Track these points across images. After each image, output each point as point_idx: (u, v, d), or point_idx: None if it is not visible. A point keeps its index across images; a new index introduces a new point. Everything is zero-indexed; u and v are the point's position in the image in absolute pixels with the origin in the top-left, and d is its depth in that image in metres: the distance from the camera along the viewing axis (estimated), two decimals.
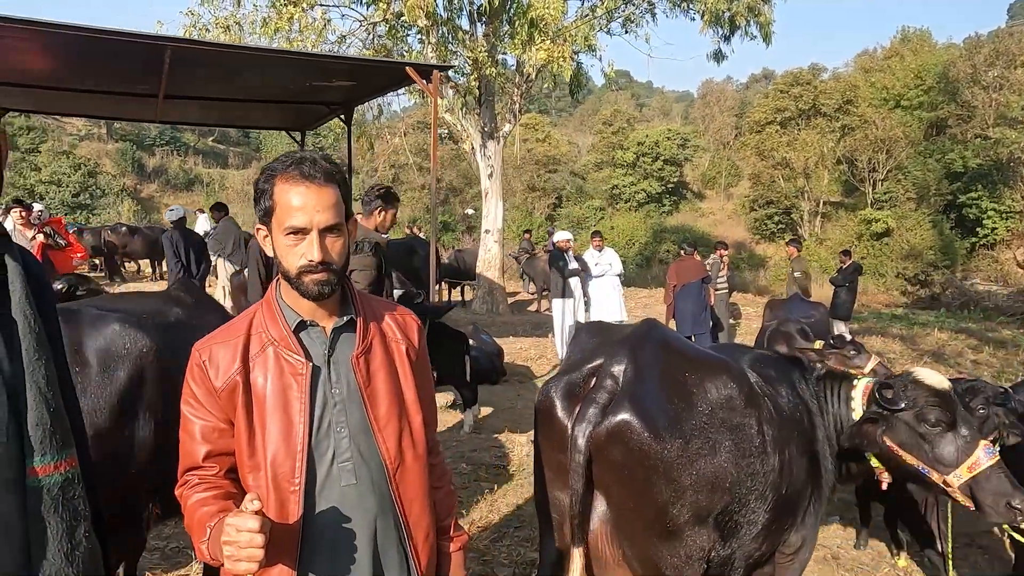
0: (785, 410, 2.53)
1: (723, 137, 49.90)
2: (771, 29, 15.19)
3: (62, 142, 37.88)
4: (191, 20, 13.37)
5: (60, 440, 1.33)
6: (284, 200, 1.50)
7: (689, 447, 2.24)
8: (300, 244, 1.50)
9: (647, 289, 18.81)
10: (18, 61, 7.35)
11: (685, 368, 2.38)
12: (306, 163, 1.51)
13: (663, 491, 2.24)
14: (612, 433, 2.26)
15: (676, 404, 2.29)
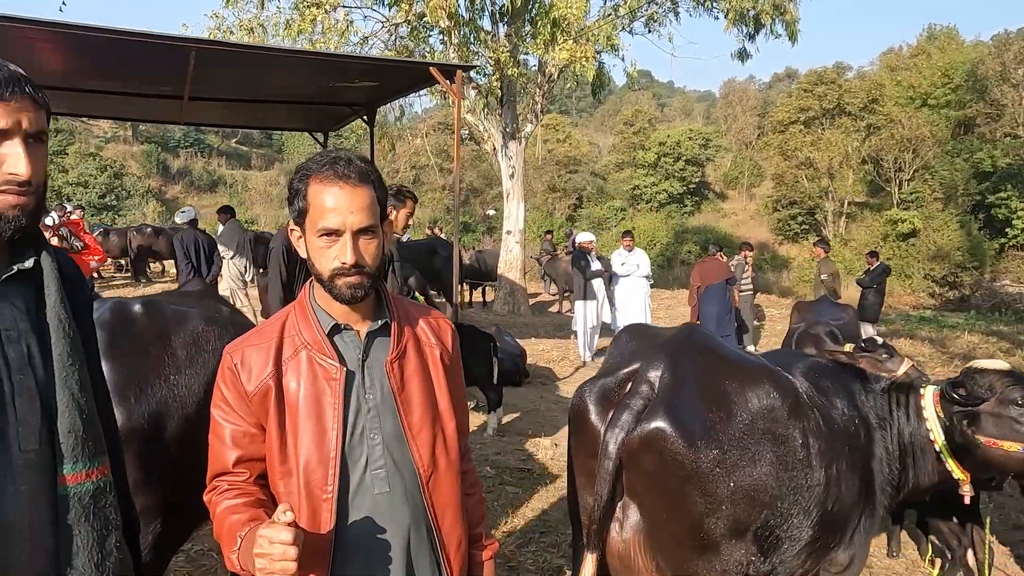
0: (837, 423, 2.42)
1: (745, 137, 49.48)
2: (797, 27, 15.00)
3: (89, 144, 38.41)
4: (215, 22, 13.50)
5: (92, 447, 1.32)
6: (318, 201, 1.45)
7: (727, 457, 2.17)
8: (333, 246, 1.45)
9: (669, 290, 18.68)
10: (46, 63, 7.43)
11: (725, 375, 2.31)
12: (341, 163, 1.47)
13: (698, 502, 2.18)
14: (645, 440, 2.21)
15: (714, 412, 2.21)
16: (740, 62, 16.61)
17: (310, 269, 1.51)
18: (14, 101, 1.20)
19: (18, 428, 1.25)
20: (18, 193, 1.22)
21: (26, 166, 1.21)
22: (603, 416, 2.33)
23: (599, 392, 2.39)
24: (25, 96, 1.22)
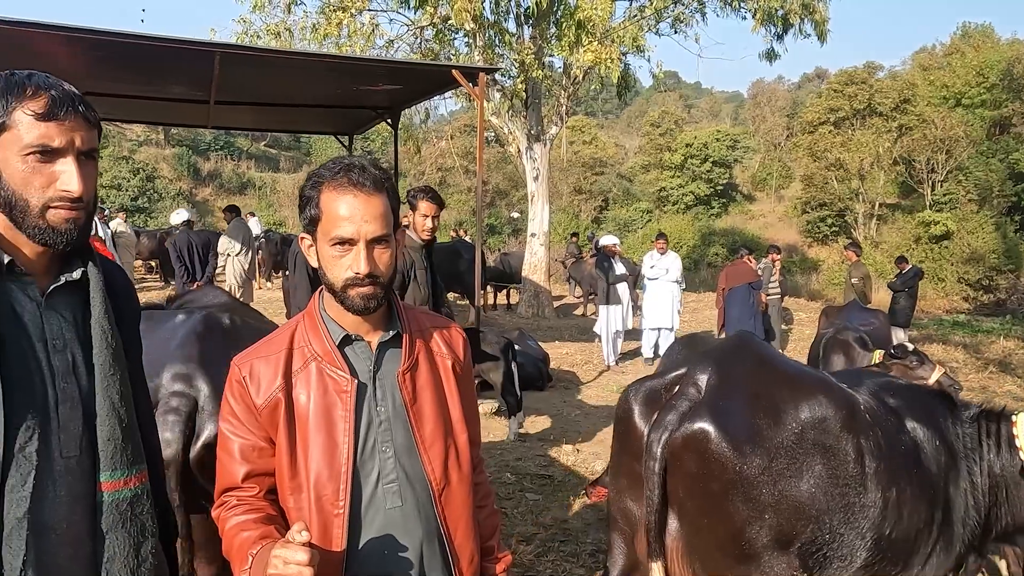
0: (904, 444, 2.28)
1: (774, 138, 48.90)
2: (826, 27, 14.77)
3: (122, 148, 39.08)
4: (243, 27, 13.62)
5: (131, 456, 1.37)
6: (331, 209, 1.41)
7: (772, 464, 2.11)
8: (346, 255, 1.41)
9: (696, 293, 18.49)
10: (79, 69, 7.54)
11: (776, 383, 2.26)
12: (355, 170, 1.43)
13: (740, 508, 2.12)
14: (688, 441, 2.18)
15: (761, 417, 2.16)
16: (768, 62, 16.36)
17: (321, 279, 1.47)
18: (68, 120, 1.26)
19: (60, 435, 1.30)
20: (70, 208, 1.28)
21: (78, 183, 1.27)
22: (648, 418, 2.32)
23: (646, 394, 2.38)
24: (78, 115, 1.28)
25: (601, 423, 7.03)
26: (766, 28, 14.99)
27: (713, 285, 23.03)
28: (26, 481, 1.24)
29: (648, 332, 10.06)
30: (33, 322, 1.31)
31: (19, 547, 1.24)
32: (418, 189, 4.30)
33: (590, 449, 6.20)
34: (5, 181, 1.26)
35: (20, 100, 1.24)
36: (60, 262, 1.37)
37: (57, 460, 1.29)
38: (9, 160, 1.25)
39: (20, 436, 1.24)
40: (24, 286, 1.31)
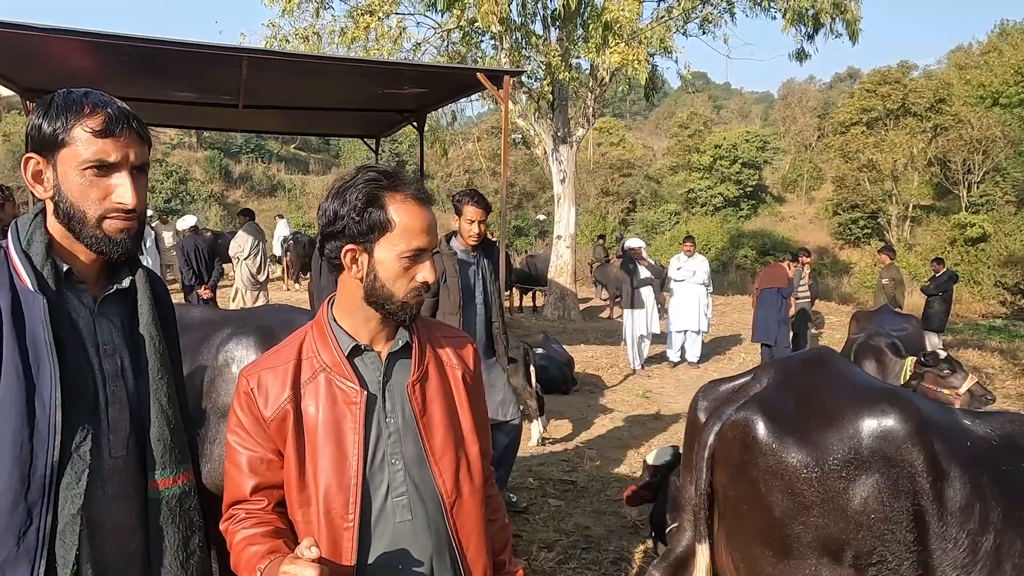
0: (998, 466, 2.14)
1: (805, 139, 48.26)
2: (858, 26, 14.52)
3: (156, 150, 39.63)
4: (272, 32, 13.76)
5: (179, 455, 1.46)
6: (407, 220, 1.40)
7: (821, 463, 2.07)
8: (417, 267, 1.43)
9: (724, 296, 18.29)
10: (114, 74, 7.68)
11: (838, 387, 2.24)
12: (413, 183, 1.45)
13: (779, 502, 2.11)
14: (733, 427, 2.25)
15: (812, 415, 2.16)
16: (799, 63, 16.11)
17: (377, 291, 1.43)
18: (123, 137, 1.34)
19: (109, 435, 1.38)
20: (125, 219, 1.36)
21: (132, 196, 1.35)
22: (709, 412, 2.43)
23: (714, 392, 2.49)
24: (133, 132, 1.36)
25: (626, 428, 6.96)
26: (796, 28, 14.76)
27: (742, 287, 22.86)
28: (80, 479, 1.31)
29: (675, 335, 9.96)
30: (87, 328, 1.38)
31: (72, 542, 1.30)
32: (463, 193, 4.19)
33: (614, 454, 6.14)
34: (64, 194, 1.33)
35: (79, 117, 1.31)
36: (109, 270, 1.45)
37: (106, 460, 1.37)
38: (68, 174, 1.33)
39: (76, 436, 1.31)
40: (79, 293, 1.39)
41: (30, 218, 1.39)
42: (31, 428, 1.27)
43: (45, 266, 1.34)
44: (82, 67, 7.19)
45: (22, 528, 1.26)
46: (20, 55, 6.74)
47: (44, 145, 1.33)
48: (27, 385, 1.27)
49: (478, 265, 4.26)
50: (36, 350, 1.29)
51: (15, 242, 1.35)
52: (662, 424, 7.10)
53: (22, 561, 1.26)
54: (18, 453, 1.26)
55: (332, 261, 1.47)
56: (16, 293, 1.30)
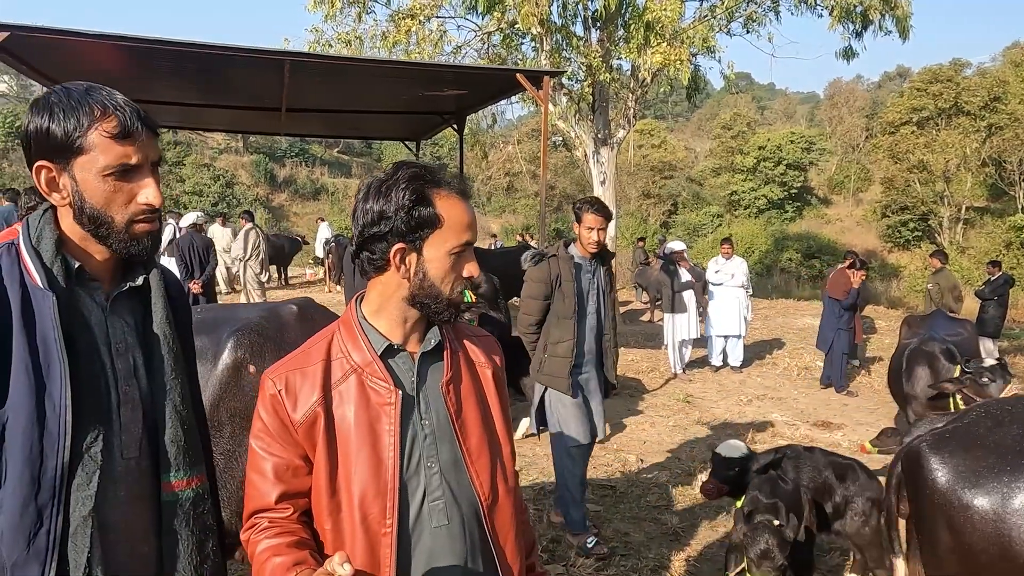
0: None
1: (852, 139, 47.24)
2: (909, 23, 14.10)
3: (204, 155, 40.68)
4: (315, 36, 13.92)
5: (192, 456, 1.43)
6: (455, 215, 1.38)
7: (986, 506, 2.03)
8: (464, 263, 1.41)
9: (767, 300, 17.92)
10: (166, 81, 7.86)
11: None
12: (456, 178, 1.43)
13: (946, 537, 2.15)
14: (908, 454, 2.36)
15: (995, 457, 2.11)
16: (846, 61, 15.74)
17: (426, 290, 1.39)
18: (141, 137, 1.31)
19: (121, 436, 1.35)
20: (150, 220, 1.35)
21: (157, 196, 1.34)
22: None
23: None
24: (146, 129, 1.33)
25: (666, 433, 6.85)
26: (843, 25, 14.40)
27: (786, 291, 22.42)
28: (91, 481, 1.29)
29: (715, 339, 9.78)
30: (99, 326, 1.36)
31: (84, 544, 1.27)
32: (583, 201, 4.12)
33: (655, 459, 6.04)
34: (88, 200, 1.30)
35: (91, 121, 1.27)
36: (123, 268, 1.42)
37: (118, 461, 1.34)
38: (89, 181, 1.29)
39: (87, 437, 1.29)
40: (91, 291, 1.36)
41: (39, 215, 1.36)
42: (41, 428, 1.24)
43: (55, 263, 1.31)
44: (129, 72, 7.36)
45: (32, 530, 1.24)
46: (68, 61, 6.93)
47: (56, 151, 1.28)
48: (37, 384, 1.25)
49: (594, 274, 4.20)
50: (46, 349, 1.26)
51: (26, 239, 1.32)
52: (703, 429, 6.96)
53: (33, 563, 1.24)
54: (28, 454, 1.24)
55: (375, 263, 1.40)
56: (27, 291, 1.27)
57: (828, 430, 7.15)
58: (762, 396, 8.44)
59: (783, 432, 7.01)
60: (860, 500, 3.69)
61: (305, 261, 21.68)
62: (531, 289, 4.21)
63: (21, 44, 5.98)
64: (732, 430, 6.99)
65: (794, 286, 24.31)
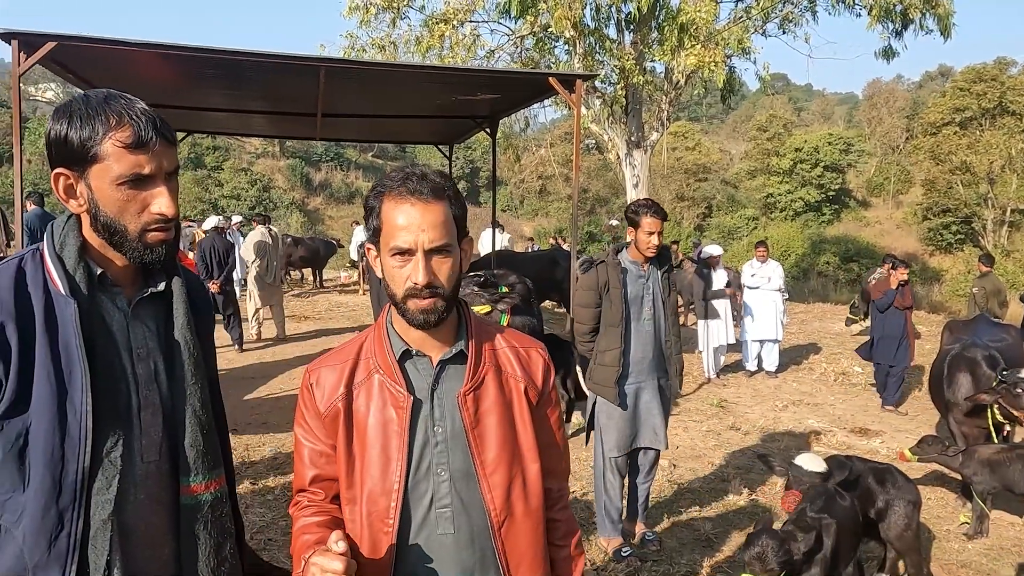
0: None
1: (892, 141, 46.35)
2: (951, 21, 13.79)
3: (242, 160, 41.40)
4: (349, 42, 14.09)
5: (211, 460, 1.44)
6: (390, 219, 1.37)
7: None
8: (406, 266, 1.37)
9: (804, 304, 17.64)
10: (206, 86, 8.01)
11: None
12: (413, 179, 1.38)
13: None
14: None
15: None
16: (885, 61, 15.41)
17: (385, 291, 1.44)
18: (155, 147, 1.30)
19: (142, 440, 1.37)
20: (164, 229, 1.35)
21: (170, 206, 1.34)
22: None
23: None
24: (162, 139, 1.32)
25: (699, 438, 6.78)
26: (883, 24, 14.15)
27: (824, 295, 22.02)
28: (111, 485, 1.30)
29: (750, 344, 9.66)
30: (120, 331, 1.37)
31: (103, 547, 1.29)
32: (639, 204, 4.00)
33: (687, 465, 5.98)
34: (102, 208, 1.31)
35: (106, 130, 1.27)
36: (145, 273, 1.43)
37: (138, 464, 1.36)
38: (103, 189, 1.30)
39: (107, 441, 1.31)
40: (113, 296, 1.38)
41: (63, 221, 1.38)
42: (63, 433, 1.27)
43: (77, 270, 1.33)
44: (171, 79, 7.51)
45: (53, 533, 1.27)
46: (112, 69, 7.10)
47: (73, 159, 1.30)
48: (59, 390, 1.27)
49: (649, 279, 4.09)
50: (68, 355, 1.28)
51: (49, 246, 1.35)
52: (738, 435, 6.88)
53: (53, 566, 1.27)
54: (49, 458, 1.26)
55: None
56: (50, 297, 1.30)
57: (866, 437, 7.02)
58: (798, 402, 8.31)
59: (820, 439, 6.90)
60: (901, 504, 3.66)
61: (340, 264, 21.90)
62: (581, 297, 4.17)
63: (66, 53, 6.13)
64: (767, 436, 6.90)
65: (831, 290, 23.87)
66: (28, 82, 38.55)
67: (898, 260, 8.75)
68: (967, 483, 4.83)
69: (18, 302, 1.28)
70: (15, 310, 1.27)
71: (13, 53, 5.48)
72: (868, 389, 8.94)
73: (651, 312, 4.09)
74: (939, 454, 4.82)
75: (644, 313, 4.08)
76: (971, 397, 5.08)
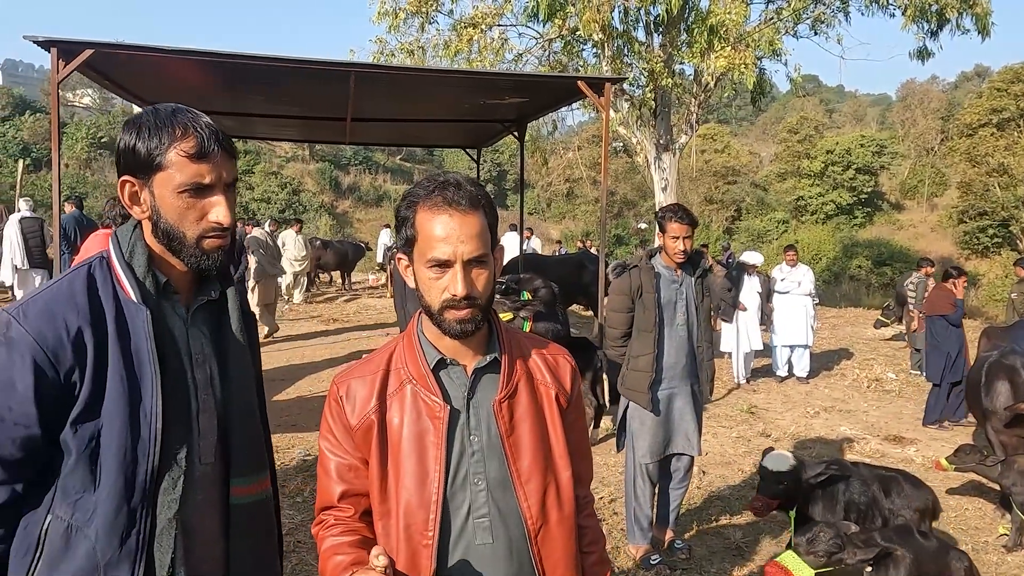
0: None
1: (926, 142, 45.52)
2: (989, 20, 13.51)
3: (272, 163, 41.88)
4: (379, 47, 14.21)
5: (256, 463, 1.50)
6: (426, 229, 1.36)
7: None
8: (443, 277, 1.36)
9: (835, 308, 17.38)
10: (232, 93, 8.12)
11: None
12: (450, 187, 1.37)
13: None
14: None
15: None
16: (920, 61, 15.13)
17: (419, 301, 1.43)
18: (216, 158, 1.36)
19: (200, 443, 1.42)
20: (220, 237, 1.40)
21: (228, 215, 1.38)
22: None
23: None
24: (223, 151, 1.38)
25: (729, 444, 6.71)
26: (918, 25, 13.90)
27: (856, 300, 21.69)
28: (176, 485, 1.37)
29: (781, 349, 9.53)
30: (181, 337, 1.43)
31: (168, 545, 1.35)
32: (666, 209, 3.99)
33: (717, 471, 5.92)
34: (163, 215, 1.36)
35: (172, 140, 1.33)
36: (200, 280, 1.48)
37: (197, 466, 1.42)
38: (165, 196, 1.36)
39: (173, 444, 1.37)
40: (174, 304, 1.44)
41: (130, 229, 1.43)
42: (135, 436, 1.32)
43: (147, 278, 1.38)
44: (202, 84, 7.63)
45: (125, 532, 1.32)
46: (147, 75, 7.23)
47: (139, 167, 1.35)
48: (131, 394, 1.32)
49: (682, 284, 4.07)
50: (140, 360, 1.33)
51: (118, 254, 1.39)
52: (768, 441, 6.79)
53: (124, 563, 1.32)
54: (122, 460, 1.31)
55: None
56: (120, 304, 1.35)
57: (900, 445, 6.89)
58: (830, 408, 8.18)
59: (852, 446, 6.78)
60: (907, 513, 3.64)
61: (368, 267, 22.06)
62: (613, 302, 4.15)
63: (103, 60, 6.26)
64: (798, 443, 6.80)
65: (864, 294, 23.50)
66: (66, 88, 39.47)
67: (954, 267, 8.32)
68: (1006, 494, 4.72)
69: (92, 308, 1.33)
70: (91, 315, 1.32)
71: (52, 60, 5.60)
72: (902, 396, 8.78)
73: (684, 317, 4.06)
74: (977, 464, 4.71)
75: (677, 318, 4.05)
76: (1011, 407, 4.96)
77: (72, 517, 1.32)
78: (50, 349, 1.28)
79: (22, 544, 1.34)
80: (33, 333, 1.28)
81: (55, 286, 1.36)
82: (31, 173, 31.19)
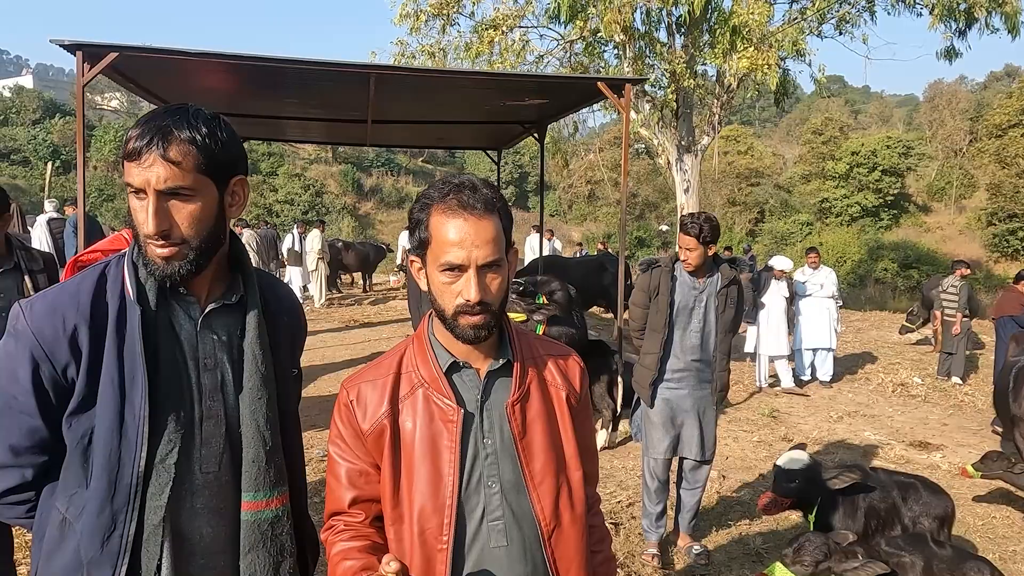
0: None
1: (954, 143, 44.85)
2: (1019, 19, 13.25)
3: (295, 165, 42.28)
4: (400, 49, 14.27)
5: (274, 478, 1.43)
6: (440, 233, 1.33)
7: None
8: (457, 282, 1.34)
9: (860, 311, 17.15)
10: (255, 95, 8.19)
11: None
12: (465, 190, 1.34)
13: None
14: None
15: None
16: (948, 61, 14.90)
17: (431, 304, 1.41)
18: (145, 160, 1.27)
19: (201, 450, 1.37)
20: (155, 243, 1.30)
21: (148, 220, 1.28)
22: None
23: None
24: (156, 155, 1.27)
25: (750, 449, 6.63)
26: (945, 24, 13.69)
27: (881, 303, 21.39)
28: (163, 491, 1.32)
29: (803, 353, 9.41)
30: (188, 340, 1.38)
31: (154, 552, 1.32)
32: (682, 218, 4.05)
33: (737, 476, 5.85)
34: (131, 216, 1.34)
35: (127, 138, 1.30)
36: (223, 284, 1.44)
37: (196, 474, 1.37)
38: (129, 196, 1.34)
39: (161, 448, 1.32)
40: (187, 306, 1.40)
41: None
42: (120, 436, 1.30)
43: (149, 278, 1.35)
44: (225, 87, 7.70)
45: (107, 532, 1.30)
46: (172, 78, 7.31)
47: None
48: (121, 394, 1.30)
49: (704, 291, 4.05)
50: (132, 360, 1.31)
51: (130, 252, 1.38)
52: (789, 446, 6.70)
53: (105, 564, 1.30)
54: (107, 459, 1.30)
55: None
56: (123, 302, 1.34)
57: (926, 451, 6.77)
58: (853, 413, 8.06)
59: (876, 452, 6.68)
60: (927, 520, 3.60)
61: (389, 268, 22.15)
62: (635, 296, 4.26)
63: (128, 64, 6.33)
64: (821, 448, 6.71)
65: (889, 297, 23.16)
66: (94, 91, 40.16)
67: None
68: None
69: (95, 307, 1.32)
70: (90, 314, 1.32)
71: (78, 64, 5.68)
72: (928, 401, 8.64)
73: (700, 324, 4.05)
74: (1004, 471, 4.62)
75: (692, 324, 4.04)
76: None
77: (67, 511, 1.33)
78: (47, 345, 1.29)
79: (39, 529, 1.37)
80: (33, 328, 1.29)
81: (67, 283, 1.37)
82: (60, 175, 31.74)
